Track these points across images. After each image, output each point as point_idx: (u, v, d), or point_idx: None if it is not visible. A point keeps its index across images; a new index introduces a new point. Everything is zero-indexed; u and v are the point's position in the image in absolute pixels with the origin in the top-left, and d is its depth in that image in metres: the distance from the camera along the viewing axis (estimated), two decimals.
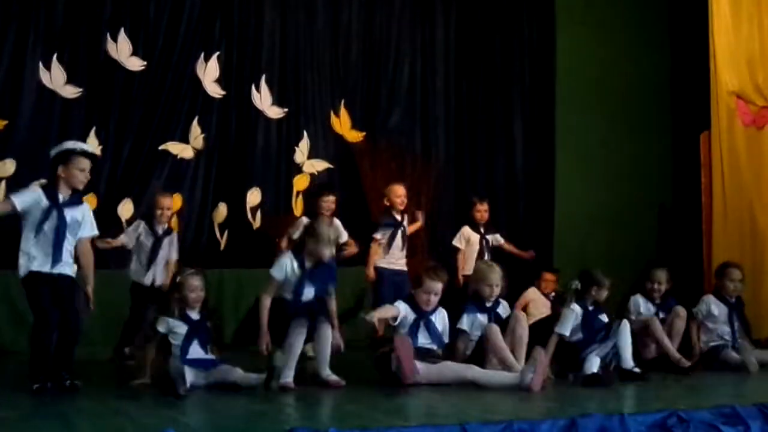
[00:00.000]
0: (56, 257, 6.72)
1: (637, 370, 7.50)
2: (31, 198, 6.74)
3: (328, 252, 7.26)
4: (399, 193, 10.76)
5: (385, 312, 7.85)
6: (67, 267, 6.84)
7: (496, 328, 7.33)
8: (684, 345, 8.44)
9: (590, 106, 13.69)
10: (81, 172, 6.81)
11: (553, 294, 11.40)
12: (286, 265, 7.24)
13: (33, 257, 6.71)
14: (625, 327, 7.57)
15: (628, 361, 7.51)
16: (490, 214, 11.61)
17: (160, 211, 9.62)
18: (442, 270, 7.70)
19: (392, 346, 6.72)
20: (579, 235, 13.35)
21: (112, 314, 9.56)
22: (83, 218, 6.97)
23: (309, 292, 7.20)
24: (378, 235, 10.74)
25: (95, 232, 7.25)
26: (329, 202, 10.42)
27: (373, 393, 6.41)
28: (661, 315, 8.45)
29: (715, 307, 8.65)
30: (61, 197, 6.79)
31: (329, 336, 6.99)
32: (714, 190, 11.83)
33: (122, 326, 9.48)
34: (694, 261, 12.16)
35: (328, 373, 6.89)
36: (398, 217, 10.84)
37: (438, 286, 7.40)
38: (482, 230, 11.32)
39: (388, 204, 11.00)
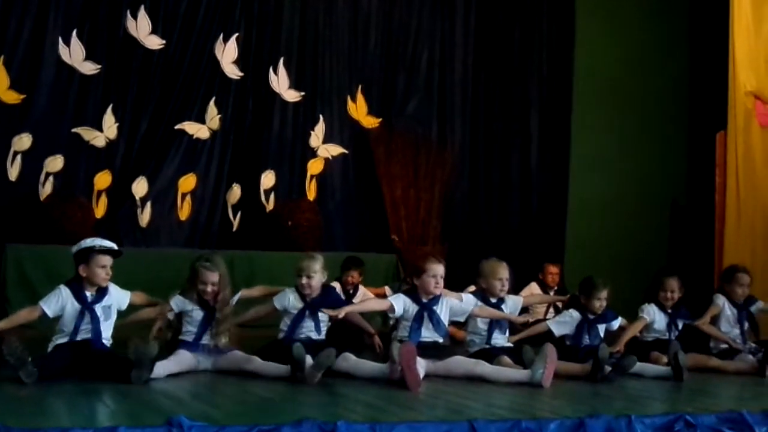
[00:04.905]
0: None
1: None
2: (60, 303, 6.55)
3: (300, 281, 7.22)
4: None
5: (364, 306, 7.88)
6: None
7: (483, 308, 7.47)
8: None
9: (607, 102, 13.69)
10: (102, 269, 6.63)
11: (556, 288, 11.28)
12: (287, 297, 7.28)
13: None
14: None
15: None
16: (508, 210, 11.16)
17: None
18: (440, 256, 7.69)
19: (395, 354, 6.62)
20: (591, 229, 13.36)
21: None
22: (113, 301, 6.76)
23: (310, 325, 7.23)
24: None
25: (126, 304, 6.94)
26: (353, 277, 9.93)
27: (382, 385, 6.42)
28: (674, 331, 8.30)
29: (727, 307, 8.60)
30: (88, 295, 6.63)
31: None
32: (728, 190, 11.77)
33: None
34: (705, 259, 12.15)
35: None
36: None
37: (441, 269, 7.36)
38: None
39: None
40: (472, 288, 7.95)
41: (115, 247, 6.84)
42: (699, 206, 13.21)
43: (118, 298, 6.81)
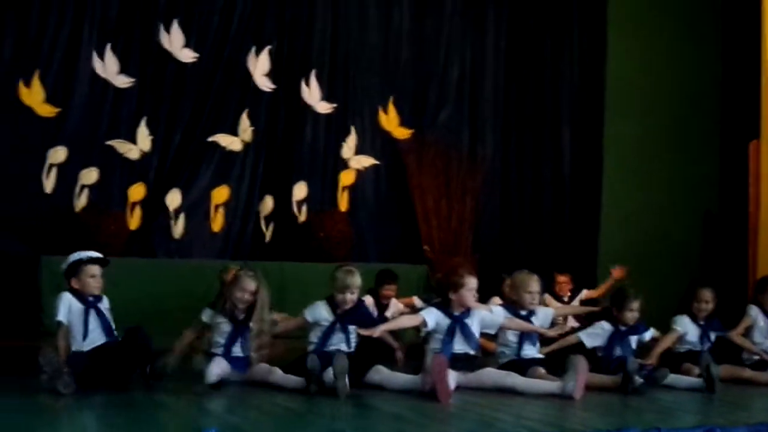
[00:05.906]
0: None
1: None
2: (67, 306, 6.62)
3: (343, 297, 7.19)
4: None
5: (398, 323, 7.86)
6: None
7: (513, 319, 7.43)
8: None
9: (639, 113, 13.62)
10: (92, 278, 6.70)
11: (568, 296, 11.14)
12: (319, 310, 7.25)
13: None
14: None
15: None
16: (541, 221, 11.01)
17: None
18: (471, 267, 7.65)
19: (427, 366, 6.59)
20: (624, 239, 13.27)
21: None
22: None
23: (340, 338, 7.18)
24: None
25: None
26: (390, 291, 9.76)
27: (412, 397, 6.42)
28: (707, 342, 8.25)
29: (761, 319, 8.53)
30: (87, 297, 6.70)
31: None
32: (761, 200, 11.71)
33: None
34: (738, 269, 12.08)
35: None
36: None
37: (475, 281, 7.39)
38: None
39: None
40: (497, 299, 7.91)
41: (102, 256, 6.88)
42: (732, 216, 13.14)
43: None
